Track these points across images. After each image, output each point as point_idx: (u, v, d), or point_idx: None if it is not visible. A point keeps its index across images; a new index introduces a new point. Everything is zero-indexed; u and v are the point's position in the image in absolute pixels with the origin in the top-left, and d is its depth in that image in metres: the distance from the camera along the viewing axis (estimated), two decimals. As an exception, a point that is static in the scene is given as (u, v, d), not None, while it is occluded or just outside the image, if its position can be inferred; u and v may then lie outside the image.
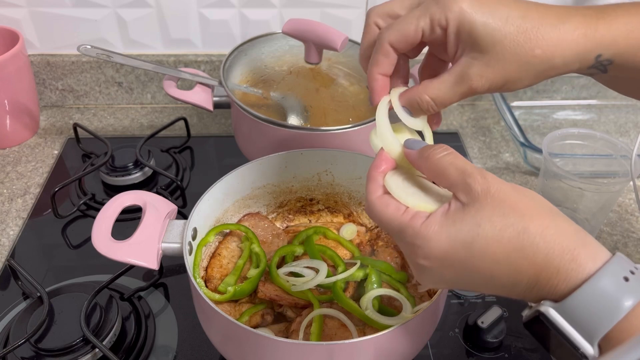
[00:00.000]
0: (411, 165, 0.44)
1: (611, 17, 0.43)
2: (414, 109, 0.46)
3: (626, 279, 0.33)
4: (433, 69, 0.50)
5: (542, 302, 0.36)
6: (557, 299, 0.35)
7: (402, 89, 0.48)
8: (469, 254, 0.37)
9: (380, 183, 0.43)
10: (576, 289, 0.34)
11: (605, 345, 0.33)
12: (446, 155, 0.41)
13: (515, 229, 0.36)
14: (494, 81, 0.43)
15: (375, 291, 0.59)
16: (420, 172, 0.44)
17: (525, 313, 0.37)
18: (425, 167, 0.42)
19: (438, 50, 0.48)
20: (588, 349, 0.34)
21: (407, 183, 0.44)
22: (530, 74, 0.43)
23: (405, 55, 0.48)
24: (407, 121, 0.47)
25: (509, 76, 0.43)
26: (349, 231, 0.69)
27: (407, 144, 0.44)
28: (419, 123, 0.48)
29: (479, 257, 0.37)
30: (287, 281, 0.61)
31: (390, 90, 0.48)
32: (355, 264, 0.62)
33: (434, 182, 0.43)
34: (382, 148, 0.46)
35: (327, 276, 0.60)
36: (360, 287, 0.62)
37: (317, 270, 0.61)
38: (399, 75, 0.49)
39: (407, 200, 0.42)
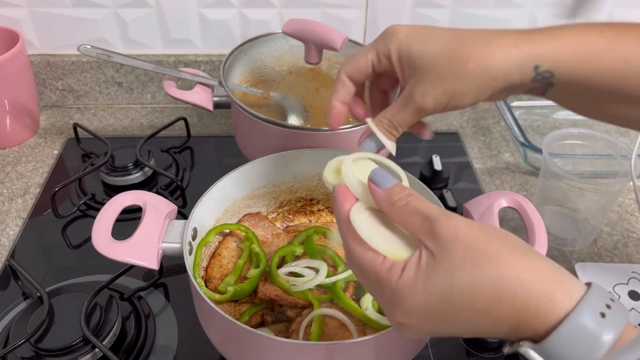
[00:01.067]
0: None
1: (546, 33, 0.44)
2: (384, 131, 0.49)
3: (602, 315, 0.33)
4: (378, 98, 0.54)
5: (521, 342, 0.35)
6: (537, 340, 0.34)
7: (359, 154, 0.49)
8: (447, 307, 0.36)
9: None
10: (554, 329, 0.33)
11: None
12: (408, 202, 0.40)
13: (490, 277, 0.35)
14: (438, 98, 0.45)
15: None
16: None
17: (506, 350, 0.37)
18: (390, 213, 0.41)
19: (386, 81, 0.53)
20: None
21: (373, 219, 0.42)
22: (471, 88, 0.45)
23: (379, 87, 0.53)
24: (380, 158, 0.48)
25: (450, 92, 0.45)
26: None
27: (373, 177, 0.42)
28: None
29: (458, 308, 0.36)
30: (287, 281, 0.61)
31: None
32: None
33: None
34: (337, 185, 0.45)
35: (327, 276, 0.60)
36: (360, 287, 0.62)
37: (317, 271, 0.61)
38: (377, 106, 0.54)
39: (377, 243, 0.40)
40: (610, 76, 0.43)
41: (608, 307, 0.33)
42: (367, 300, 0.58)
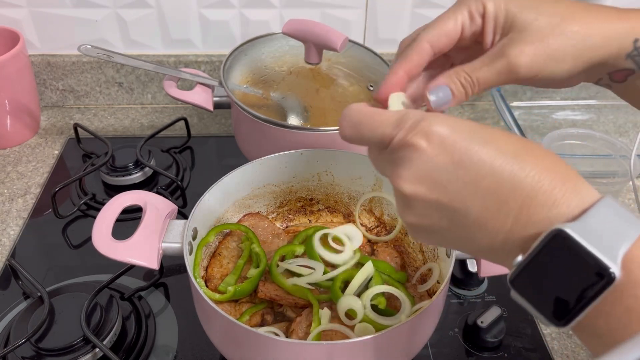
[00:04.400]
0: None
1: None
2: (452, 84, 0.43)
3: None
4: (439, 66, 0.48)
5: (552, 225, 0.32)
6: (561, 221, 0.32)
7: (401, 95, 0.44)
8: (471, 140, 0.34)
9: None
10: (587, 210, 0.32)
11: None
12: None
13: (507, 157, 0.34)
14: (536, 57, 0.42)
15: (374, 288, 0.59)
16: None
17: (518, 259, 0.33)
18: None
19: (456, 53, 0.47)
20: (612, 265, 0.30)
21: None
22: (572, 52, 0.42)
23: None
24: None
25: (550, 51, 0.42)
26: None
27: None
28: None
29: (481, 144, 0.34)
30: (284, 278, 0.61)
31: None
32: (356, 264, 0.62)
33: None
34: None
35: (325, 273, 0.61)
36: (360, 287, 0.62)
37: (314, 269, 0.61)
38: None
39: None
40: None
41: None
42: (366, 299, 0.58)
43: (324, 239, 0.65)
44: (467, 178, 0.34)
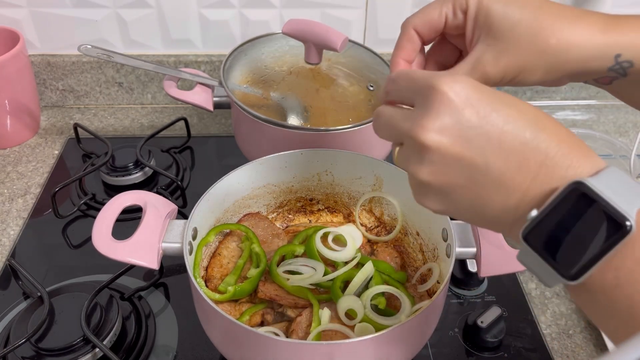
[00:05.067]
0: None
1: (632, 20, 0.43)
2: None
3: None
4: (442, 54, 0.50)
5: (571, 179, 0.33)
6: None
7: None
8: (496, 99, 0.35)
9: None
10: (600, 172, 0.33)
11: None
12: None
13: (528, 117, 0.36)
14: (508, 68, 0.43)
15: (374, 288, 0.59)
16: None
17: (532, 214, 0.33)
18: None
19: (456, 40, 0.49)
20: (630, 215, 0.31)
21: None
22: (544, 65, 0.43)
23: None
24: None
25: (522, 64, 0.43)
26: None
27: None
28: None
29: (506, 104, 0.35)
30: (287, 279, 0.61)
31: None
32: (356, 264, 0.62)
33: None
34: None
35: (326, 274, 0.61)
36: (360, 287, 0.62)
37: (315, 269, 0.61)
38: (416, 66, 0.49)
39: None
40: None
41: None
42: (366, 299, 0.58)
43: (324, 239, 0.65)
44: (492, 134, 0.34)
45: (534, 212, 0.34)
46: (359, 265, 0.62)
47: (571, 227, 0.33)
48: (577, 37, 0.42)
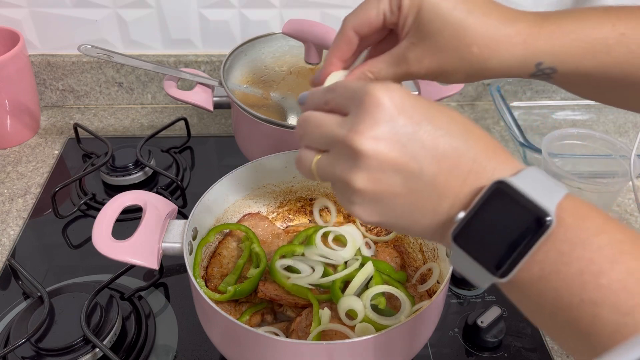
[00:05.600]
0: None
1: (556, 24, 0.43)
2: None
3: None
4: (387, 44, 0.50)
5: (492, 179, 0.35)
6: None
7: (341, 72, 0.48)
8: (429, 106, 0.36)
9: None
10: (521, 170, 0.35)
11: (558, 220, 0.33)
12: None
13: (460, 119, 0.38)
14: (430, 68, 0.45)
15: (374, 288, 0.59)
16: None
17: (460, 215, 0.35)
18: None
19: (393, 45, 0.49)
20: (550, 210, 0.33)
21: None
22: (465, 70, 0.44)
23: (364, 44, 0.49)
24: None
25: (444, 66, 0.44)
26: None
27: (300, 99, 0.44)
28: None
29: (438, 111, 0.36)
30: (288, 278, 0.61)
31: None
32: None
33: None
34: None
35: (327, 275, 0.61)
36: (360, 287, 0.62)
37: (313, 269, 0.61)
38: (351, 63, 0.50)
39: None
40: (617, 69, 0.43)
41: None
42: (367, 299, 0.58)
43: (324, 239, 0.65)
44: (426, 140, 0.35)
45: (462, 214, 0.35)
46: (359, 265, 0.62)
47: (496, 225, 0.34)
48: (497, 49, 0.43)
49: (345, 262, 0.64)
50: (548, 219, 0.33)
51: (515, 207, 0.33)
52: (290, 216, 0.74)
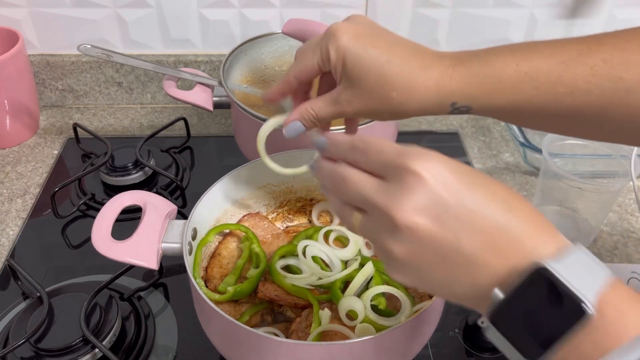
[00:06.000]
0: None
1: (467, 67, 0.46)
2: (302, 119, 0.53)
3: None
4: (324, 91, 0.54)
5: (534, 261, 0.34)
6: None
7: (280, 117, 0.56)
8: (470, 183, 0.36)
9: None
10: (564, 253, 0.34)
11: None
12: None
13: (501, 197, 0.37)
14: (360, 109, 0.49)
15: (374, 288, 0.59)
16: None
17: (498, 295, 0.35)
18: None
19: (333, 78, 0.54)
20: (589, 302, 0.32)
21: None
22: (388, 111, 0.49)
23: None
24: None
25: (370, 108, 0.49)
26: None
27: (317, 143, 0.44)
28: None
29: (479, 186, 0.36)
30: (285, 277, 0.61)
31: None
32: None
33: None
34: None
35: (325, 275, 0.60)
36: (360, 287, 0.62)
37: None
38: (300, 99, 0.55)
39: None
40: (527, 104, 0.46)
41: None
42: (367, 299, 0.58)
43: (325, 238, 0.65)
44: (466, 216, 0.35)
45: (499, 293, 0.35)
46: (359, 265, 0.62)
47: (534, 313, 0.34)
48: (413, 94, 0.47)
49: (346, 262, 0.64)
50: (589, 312, 0.32)
51: (556, 296, 0.33)
52: (290, 216, 0.74)
